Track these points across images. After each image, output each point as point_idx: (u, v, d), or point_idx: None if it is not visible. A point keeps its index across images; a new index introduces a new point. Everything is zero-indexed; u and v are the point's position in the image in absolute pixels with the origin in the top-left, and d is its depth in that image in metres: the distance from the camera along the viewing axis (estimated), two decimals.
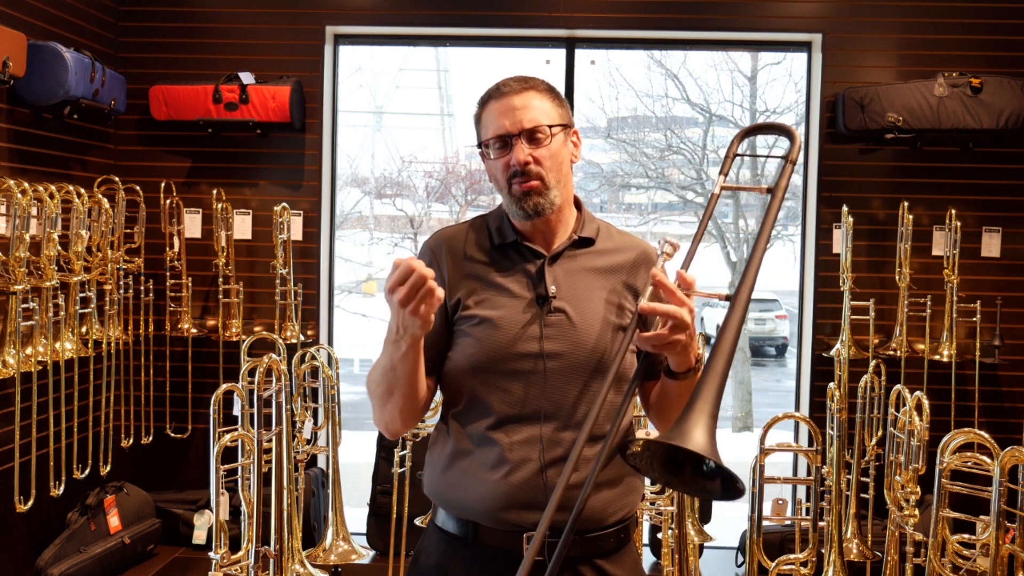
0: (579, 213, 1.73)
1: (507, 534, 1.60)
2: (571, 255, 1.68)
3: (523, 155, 1.61)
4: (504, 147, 1.64)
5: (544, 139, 1.63)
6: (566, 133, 1.68)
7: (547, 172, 1.63)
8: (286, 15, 4.16)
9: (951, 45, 4.03)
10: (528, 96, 1.64)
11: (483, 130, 1.68)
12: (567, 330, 1.61)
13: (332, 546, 3.46)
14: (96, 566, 3.50)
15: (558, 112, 1.67)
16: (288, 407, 3.03)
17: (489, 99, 1.67)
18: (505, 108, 1.63)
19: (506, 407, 1.60)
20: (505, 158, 1.63)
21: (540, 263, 1.66)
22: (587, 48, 4.45)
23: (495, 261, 1.68)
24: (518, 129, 1.62)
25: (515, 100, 1.64)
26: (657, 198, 10.70)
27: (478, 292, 1.65)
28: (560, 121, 1.66)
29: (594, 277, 1.67)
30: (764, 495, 3.01)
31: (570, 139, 1.70)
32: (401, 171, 10.24)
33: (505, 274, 1.66)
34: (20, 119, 3.45)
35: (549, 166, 1.63)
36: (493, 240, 1.69)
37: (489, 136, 1.65)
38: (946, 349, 3.90)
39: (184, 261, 4.09)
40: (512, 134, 1.62)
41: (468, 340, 1.63)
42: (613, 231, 1.76)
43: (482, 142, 1.68)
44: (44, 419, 3.41)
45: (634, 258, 1.71)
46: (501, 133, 1.63)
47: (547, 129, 1.63)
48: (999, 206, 4.05)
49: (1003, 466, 2.38)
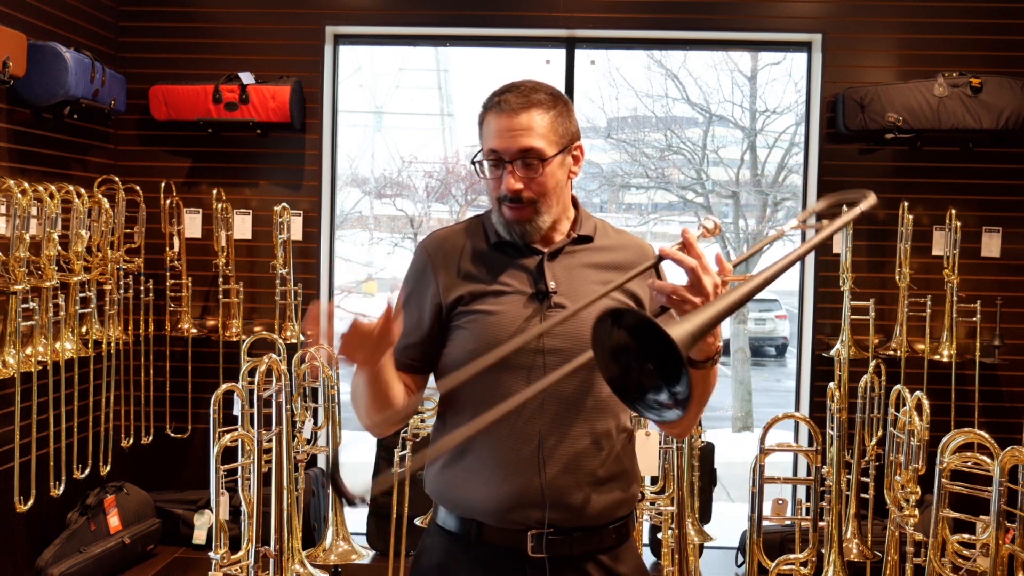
0: (576, 212, 1.72)
1: (511, 532, 1.60)
2: (570, 251, 1.68)
3: (514, 184, 1.60)
4: (497, 166, 1.62)
5: (538, 166, 1.60)
6: (564, 154, 1.64)
7: (539, 198, 1.61)
8: (286, 15, 4.16)
9: (951, 45, 4.03)
10: (529, 117, 1.59)
11: (482, 139, 1.66)
12: (568, 325, 1.59)
13: (332, 546, 3.47)
14: (96, 566, 3.50)
15: (558, 133, 1.62)
16: (288, 407, 3.03)
17: (491, 108, 1.63)
18: (503, 128, 1.60)
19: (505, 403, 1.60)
20: (498, 178, 1.62)
21: (539, 259, 1.65)
22: (587, 48, 4.45)
23: (493, 259, 1.67)
24: (511, 155, 1.59)
25: (514, 121, 1.59)
26: (657, 198, 10.70)
27: (477, 290, 1.64)
28: (558, 145, 1.62)
29: (593, 273, 1.66)
30: (764, 495, 3.02)
31: (570, 155, 1.66)
32: (401, 171, 10.24)
33: (504, 271, 1.65)
34: (20, 119, 3.45)
35: (540, 191, 1.61)
36: (490, 239, 1.69)
37: (485, 150, 1.63)
38: (946, 349, 3.90)
39: (184, 261, 4.09)
40: (504, 160, 1.60)
41: (466, 335, 1.62)
42: (610, 229, 1.75)
43: (477, 158, 1.66)
44: (44, 419, 3.41)
45: (632, 257, 1.70)
46: (495, 151, 1.61)
47: (542, 156, 1.60)
48: (999, 206, 4.05)
49: (1003, 466, 2.38)
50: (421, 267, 1.70)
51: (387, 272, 10.66)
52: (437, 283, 1.66)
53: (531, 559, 1.59)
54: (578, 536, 1.60)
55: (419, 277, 1.70)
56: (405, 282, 1.72)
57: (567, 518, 1.59)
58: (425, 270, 1.69)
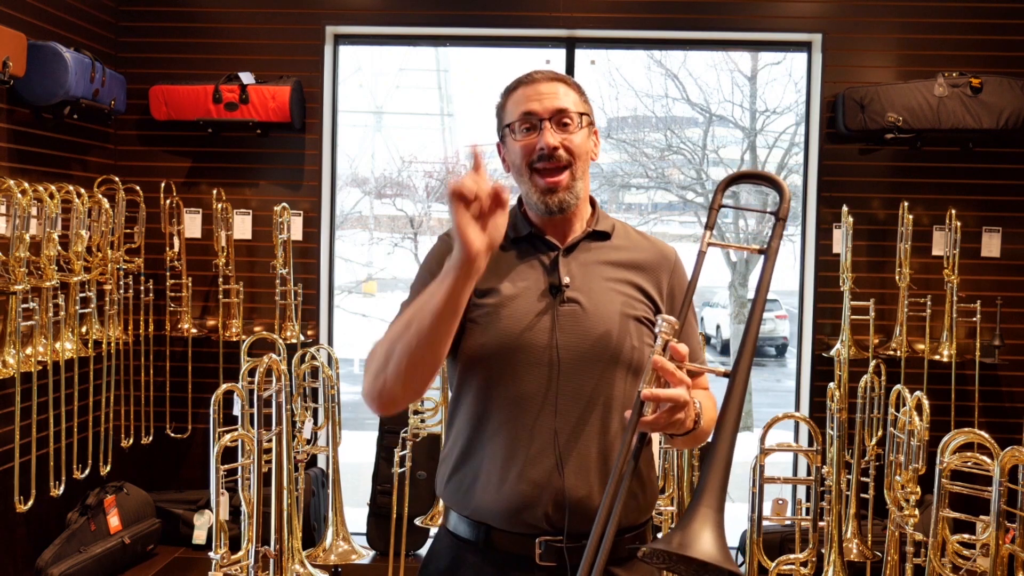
0: (593, 210, 1.72)
1: (520, 538, 1.56)
2: (586, 247, 1.67)
3: (553, 139, 1.60)
4: (531, 130, 1.62)
5: (572, 126, 1.63)
6: (590, 128, 1.68)
7: (574, 160, 1.62)
8: (286, 15, 4.16)
9: (951, 45, 4.03)
10: (557, 86, 1.65)
11: (507, 114, 1.66)
12: (581, 321, 1.58)
13: (332, 546, 3.46)
14: (96, 566, 3.50)
15: (584, 107, 1.67)
16: (288, 407, 3.03)
17: (518, 86, 1.67)
18: (535, 93, 1.63)
19: (518, 400, 1.56)
20: (531, 139, 1.62)
21: (555, 255, 1.64)
22: (587, 48, 4.45)
23: (510, 254, 1.65)
24: (548, 112, 1.62)
25: (545, 87, 1.64)
26: (657, 198, 10.69)
27: (491, 283, 1.61)
28: (587, 113, 1.67)
29: (609, 270, 1.65)
30: (764, 495, 3.01)
31: (592, 136, 1.69)
32: (401, 171, 10.23)
33: (519, 264, 1.64)
34: (20, 119, 3.45)
35: (576, 153, 1.63)
36: (508, 235, 1.65)
37: (516, 117, 1.64)
38: (946, 349, 3.90)
39: (184, 261, 4.09)
40: (542, 117, 1.61)
41: (478, 329, 1.59)
42: (631, 231, 1.74)
43: (507, 124, 1.66)
44: (44, 419, 3.41)
45: (649, 257, 1.69)
46: (530, 113, 1.62)
47: (576, 116, 1.63)
48: (999, 206, 4.05)
49: (1003, 466, 2.38)
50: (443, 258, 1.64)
51: (387, 272, 10.65)
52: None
53: (540, 567, 1.55)
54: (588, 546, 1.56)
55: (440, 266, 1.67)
56: (426, 270, 1.67)
57: (578, 522, 1.54)
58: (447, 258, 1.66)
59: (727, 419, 1.36)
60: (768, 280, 1.50)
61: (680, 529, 1.28)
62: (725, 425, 1.36)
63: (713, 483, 1.31)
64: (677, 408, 1.41)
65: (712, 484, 1.31)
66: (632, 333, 1.59)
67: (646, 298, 1.65)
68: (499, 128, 1.69)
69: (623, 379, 1.59)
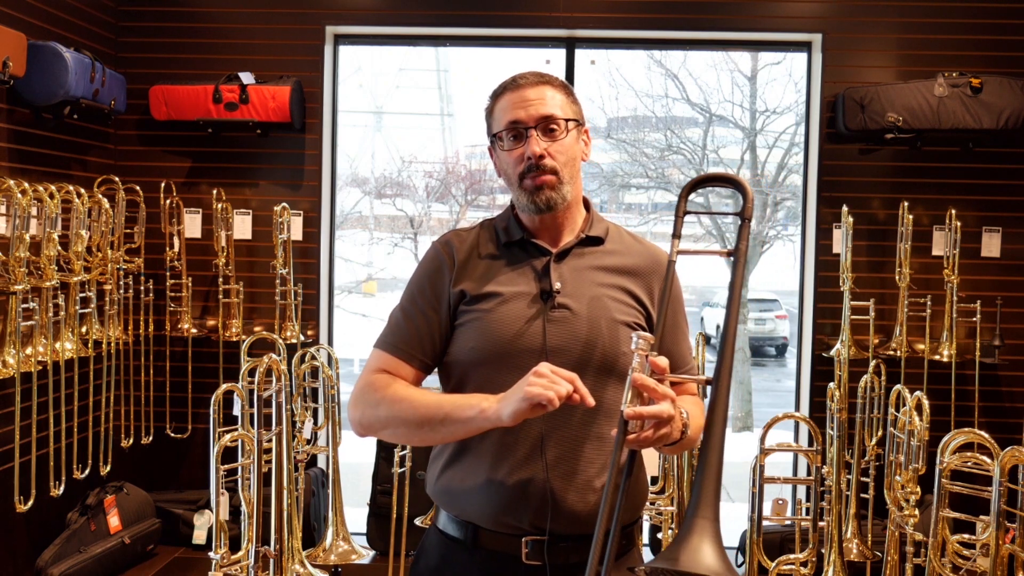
0: (587, 213, 1.72)
1: (506, 537, 1.58)
2: (579, 253, 1.67)
3: (538, 147, 1.60)
4: (518, 139, 1.63)
5: (559, 132, 1.63)
6: (579, 129, 1.67)
7: (561, 166, 1.62)
8: (286, 15, 4.16)
9: (951, 45, 4.03)
10: (543, 90, 1.64)
11: (495, 122, 1.67)
12: (571, 326, 1.59)
13: (332, 546, 3.46)
14: (96, 566, 3.50)
15: (572, 108, 1.67)
16: (288, 407, 3.03)
17: (504, 91, 1.66)
18: (520, 99, 1.63)
19: None
20: (519, 150, 1.62)
21: (546, 260, 1.65)
22: (587, 48, 4.45)
23: (502, 260, 1.66)
24: (534, 120, 1.61)
25: (530, 92, 1.63)
26: (657, 198, 10.69)
27: (483, 286, 1.63)
28: (574, 116, 1.66)
29: (601, 275, 1.65)
30: (764, 495, 3.01)
31: (582, 137, 1.69)
32: (401, 171, 10.23)
33: (510, 270, 1.65)
34: (20, 119, 3.45)
35: (563, 160, 1.63)
36: (500, 240, 1.68)
37: (503, 127, 1.64)
38: (946, 349, 3.90)
39: (184, 261, 4.09)
40: (527, 125, 1.61)
41: (469, 333, 1.61)
42: (624, 234, 1.74)
43: (494, 134, 1.66)
44: (44, 419, 3.41)
45: (642, 262, 1.69)
46: (516, 121, 1.62)
47: (562, 122, 1.63)
48: (999, 206, 4.05)
49: (1003, 466, 2.38)
50: (435, 264, 1.69)
51: (387, 272, 10.65)
52: (448, 279, 1.66)
53: (526, 566, 1.56)
54: (576, 544, 1.56)
55: (432, 273, 1.69)
56: (417, 277, 1.70)
57: (564, 524, 1.56)
58: (440, 267, 1.68)
59: (714, 426, 1.37)
60: (739, 283, 1.50)
61: (679, 544, 1.29)
62: (713, 433, 1.36)
63: (707, 492, 1.32)
64: (662, 423, 1.41)
65: (706, 494, 1.32)
66: (622, 339, 1.60)
67: (637, 303, 1.65)
68: (488, 133, 1.70)
69: (613, 384, 1.60)
